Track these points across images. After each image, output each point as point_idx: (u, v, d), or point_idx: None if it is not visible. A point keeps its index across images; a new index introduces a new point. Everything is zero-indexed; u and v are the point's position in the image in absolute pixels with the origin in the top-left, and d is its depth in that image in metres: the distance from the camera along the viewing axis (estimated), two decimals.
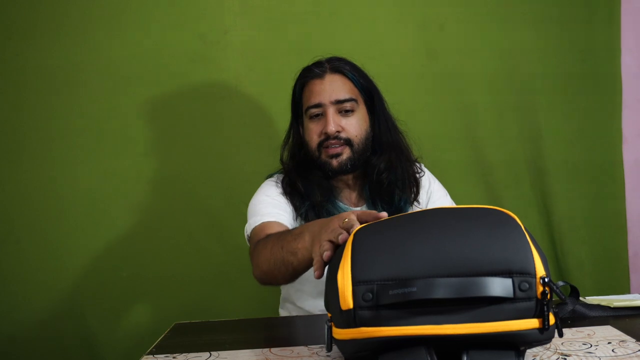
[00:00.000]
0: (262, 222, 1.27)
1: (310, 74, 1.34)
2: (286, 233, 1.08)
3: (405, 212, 1.15)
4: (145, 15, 1.82)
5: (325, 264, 0.83)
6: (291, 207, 1.34)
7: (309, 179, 1.34)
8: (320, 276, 0.84)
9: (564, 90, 1.94)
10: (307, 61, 1.40)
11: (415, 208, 1.38)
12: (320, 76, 1.32)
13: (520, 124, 1.93)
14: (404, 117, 1.43)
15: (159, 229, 1.85)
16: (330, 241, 0.84)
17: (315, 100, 1.31)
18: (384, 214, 0.84)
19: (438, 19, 1.89)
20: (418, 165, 1.44)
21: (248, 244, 1.33)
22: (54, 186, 1.82)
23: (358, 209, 1.37)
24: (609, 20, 1.93)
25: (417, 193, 1.39)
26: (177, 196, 1.85)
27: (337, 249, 0.81)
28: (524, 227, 0.73)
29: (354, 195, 1.39)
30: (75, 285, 1.82)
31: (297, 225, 1.33)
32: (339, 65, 1.33)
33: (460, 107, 1.91)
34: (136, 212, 1.85)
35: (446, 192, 1.48)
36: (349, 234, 0.76)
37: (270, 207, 1.31)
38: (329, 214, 1.30)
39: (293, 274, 1.06)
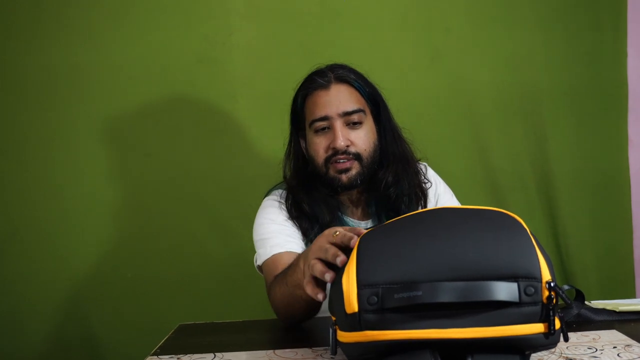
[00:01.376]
0: (273, 255, 1.20)
1: (313, 84, 1.25)
2: (287, 268, 1.03)
3: None
4: (150, 16, 1.82)
5: (316, 280, 0.80)
6: (299, 231, 1.27)
7: (314, 197, 1.26)
8: (312, 292, 0.80)
9: (570, 94, 1.94)
10: (312, 63, 1.36)
11: None
12: (325, 87, 1.23)
13: (525, 128, 1.93)
14: (408, 120, 1.42)
15: (162, 230, 1.85)
16: (319, 259, 0.79)
17: (321, 112, 1.22)
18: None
19: (443, 22, 1.89)
20: (424, 168, 1.39)
21: (259, 273, 1.29)
22: (57, 186, 1.82)
23: (363, 223, 1.33)
24: (615, 25, 1.93)
25: (425, 203, 1.33)
26: (181, 197, 1.85)
27: (329, 265, 0.78)
28: (530, 231, 0.73)
29: (359, 211, 1.33)
30: (78, 285, 1.83)
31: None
32: (344, 74, 1.25)
33: (465, 111, 1.91)
34: (140, 213, 1.85)
35: (452, 193, 1.44)
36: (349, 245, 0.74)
37: (278, 236, 1.24)
38: None
39: (308, 306, 1.02)
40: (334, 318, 0.76)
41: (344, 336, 0.72)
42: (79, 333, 1.82)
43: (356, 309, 0.69)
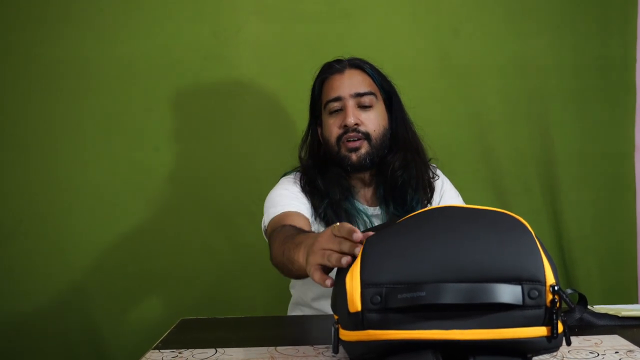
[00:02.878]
0: (282, 212, 1.26)
1: (330, 69, 1.36)
2: (291, 237, 1.04)
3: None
4: (159, 11, 1.82)
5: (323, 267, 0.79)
6: (310, 205, 1.34)
7: (328, 177, 1.34)
8: (320, 279, 0.77)
9: (576, 97, 1.93)
10: (320, 59, 1.40)
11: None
12: (340, 71, 1.34)
13: (531, 131, 1.92)
14: (415, 120, 1.43)
15: (167, 225, 1.85)
16: (320, 264, 0.78)
17: (334, 93, 1.32)
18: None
19: (452, 23, 1.88)
20: (433, 167, 1.44)
21: (265, 238, 1.30)
22: (62, 180, 1.82)
23: (371, 209, 1.37)
24: (624, 29, 1.92)
25: (431, 196, 1.39)
26: (186, 192, 1.86)
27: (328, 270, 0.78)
28: (535, 234, 0.73)
29: (369, 195, 1.39)
30: (82, 279, 1.83)
31: (315, 226, 1.33)
32: (358, 62, 1.36)
33: (472, 113, 1.90)
34: (145, 207, 1.85)
35: (458, 193, 1.47)
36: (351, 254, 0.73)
37: (291, 199, 1.31)
38: (347, 213, 1.31)
39: (297, 276, 1.04)
40: (336, 316, 0.76)
41: (347, 335, 0.72)
42: (81, 326, 1.83)
43: (359, 308, 0.69)
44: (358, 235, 0.72)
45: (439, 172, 1.47)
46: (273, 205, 1.30)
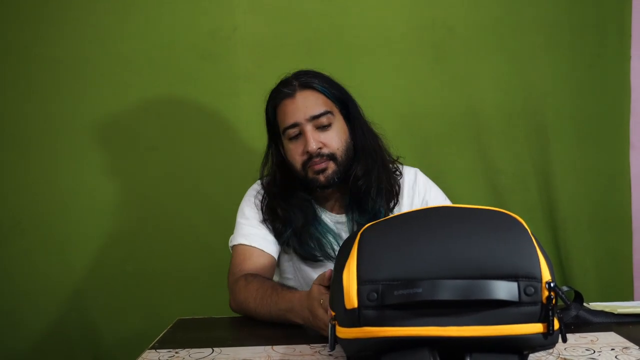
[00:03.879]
0: (243, 246, 1.31)
1: (279, 94, 1.30)
2: (270, 301, 1.10)
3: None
4: (155, 10, 1.82)
5: None
6: (273, 233, 1.34)
7: (290, 203, 1.32)
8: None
9: (572, 95, 1.93)
10: (315, 59, 1.40)
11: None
12: (291, 95, 1.28)
13: (527, 128, 1.92)
14: (410, 120, 1.43)
15: (163, 224, 1.85)
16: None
17: (290, 120, 1.27)
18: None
19: (447, 21, 1.88)
20: (400, 167, 1.41)
21: (230, 250, 1.36)
22: (59, 179, 1.82)
23: (341, 216, 1.36)
24: (620, 27, 1.92)
25: (395, 198, 1.36)
26: (183, 192, 1.86)
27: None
28: (531, 232, 0.73)
29: (336, 205, 1.38)
30: (79, 278, 1.83)
31: (281, 252, 1.36)
32: (307, 80, 1.29)
33: (467, 111, 1.90)
34: (141, 207, 1.85)
35: (445, 197, 1.44)
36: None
37: (253, 228, 1.33)
38: (311, 236, 1.31)
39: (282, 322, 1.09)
40: (333, 313, 0.76)
41: (343, 332, 0.72)
42: (78, 326, 1.83)
43: (356, 305, 0.69)
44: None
45: (422, 178, 1.43)
46: (237, 229, 1.36)
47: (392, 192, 1.35)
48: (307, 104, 1.27)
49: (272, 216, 1.33)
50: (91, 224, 1.83)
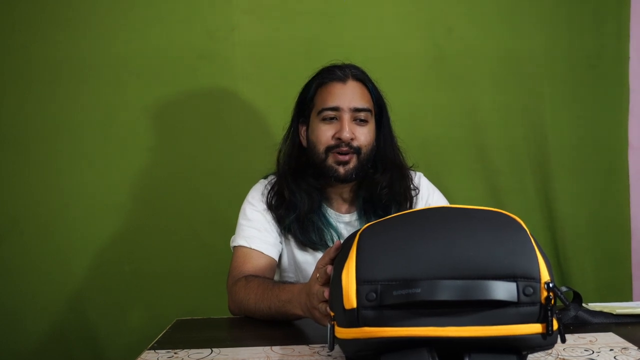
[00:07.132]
0: (244, 248, 1.31)
1: (331, 75, 1.31)
2: (271, 294, 1.09)
3: None
4: (153, 11, 1.82)
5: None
6: (276, 224, 1.34)
7: (299, 187, 1.33)
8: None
9: (570, 95, 1.93)
10: (314, 60, 1.38)
11: None
12: (343, 80, 1.30)
13: (526, 128, 1.93)
14: (409, 119, 1.43)
15: (162, 224, 1.85)
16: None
17: (333, 102, 1.28)
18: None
19: (446, 21, 1.89)
20: (415, 176, 1.43)
21: (231, 249, 1.36)
22: (58, 180, 1.82)
23: (347, 216, 1.37)
24: (618, 26, 1.93)
25: (410, 205, 1.39)
26: (181, 192, 1.85)
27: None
28: (529, 232, 0.73)
29: (344, 206, 1.38)
30: (78, 278, 1.83)
31: (281, 246, 1.36)
32: (360, 74, 1.33)
33: (466, 110, 1.91)
34: (140, 207, 1.85)
35: (447, 202, 1.46)
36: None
37: (254, 230, 1.33)
38: (313, 225, 1.32)
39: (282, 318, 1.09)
40: (332, 314, 0.76)
41: (342, 332, 0.72)
42: (77, 326, 1.82)
43: (355, 305, 0.69)
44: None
45: (425, 182, 1.45)
46: (239, 230, 1.35)
47: (406, 204, 1.38)
48: (354, 95, 1.29)
49: (278, 201, 1.34)
50: (90, 224, 1.83)
